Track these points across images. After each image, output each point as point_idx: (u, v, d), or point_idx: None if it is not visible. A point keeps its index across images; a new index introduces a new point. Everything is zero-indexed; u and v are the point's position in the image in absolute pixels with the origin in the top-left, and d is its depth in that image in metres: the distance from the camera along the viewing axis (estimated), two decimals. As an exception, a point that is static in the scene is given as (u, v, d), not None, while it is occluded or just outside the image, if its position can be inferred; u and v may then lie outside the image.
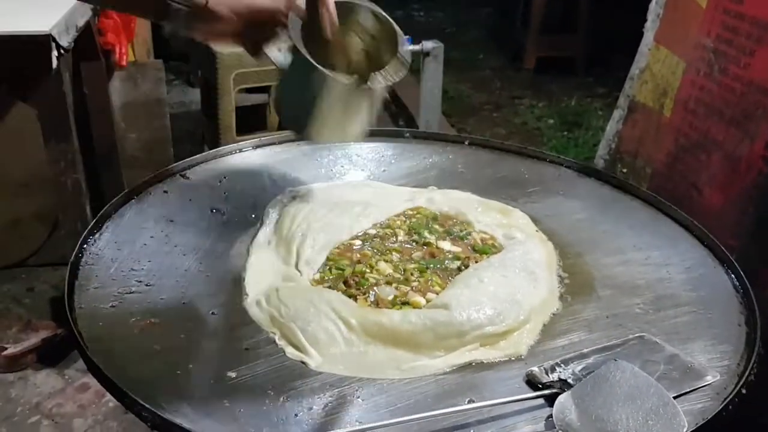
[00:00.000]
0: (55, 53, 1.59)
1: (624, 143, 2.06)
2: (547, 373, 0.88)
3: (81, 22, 1.99)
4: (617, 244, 1.20)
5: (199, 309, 1.01)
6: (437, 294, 1.05)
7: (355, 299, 1.03)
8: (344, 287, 1.06)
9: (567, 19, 4.71)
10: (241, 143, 1.44)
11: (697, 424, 0.81)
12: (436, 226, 1.23)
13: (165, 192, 1.27)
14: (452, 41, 5.31)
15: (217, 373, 0.89)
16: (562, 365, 0.89)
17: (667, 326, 1.00)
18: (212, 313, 1.00)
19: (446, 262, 1.13)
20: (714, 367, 0.91)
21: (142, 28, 2.93)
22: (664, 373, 0.89)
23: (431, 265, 1.12)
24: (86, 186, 2.13)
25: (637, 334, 0.96)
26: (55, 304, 2.31)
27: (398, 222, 1.24)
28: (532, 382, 0.89)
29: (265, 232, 1.21)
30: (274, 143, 1.47)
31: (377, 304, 1.03)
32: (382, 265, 1.11)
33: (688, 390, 0.87)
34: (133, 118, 2.65)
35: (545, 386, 0.87)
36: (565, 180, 1.41)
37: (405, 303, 1.03)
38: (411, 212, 1.28)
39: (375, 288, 1.06)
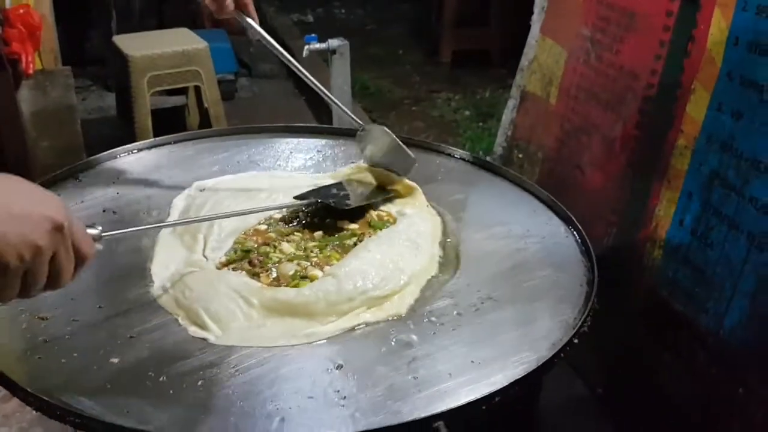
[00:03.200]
0: (-48, 64, 1.59)
1: (518, 131, 2.18)
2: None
3: (-19, 32, 1.99)
4: (486, 220, 1.31)
5: (88, 302, 1.05)
6: (334, 267, 1.12)
7: (259, 278, 1.11)
8: (249, 267, 1.14)
9: (480, 13, 4.85)
10: (135, 144, 1.48)
11: (528, 369, 0.92)
12: (337, 208, 1.30)
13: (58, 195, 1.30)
14: (373, 38, 5.40)
15: (100, 360, 0.94)
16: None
17: (520, 289, 1.11)
18: (99, 307, 1.05)
19: (344, 239, 1.22)
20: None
21: (49, 36, 2.90)
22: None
23: (330, 243, 1.21)
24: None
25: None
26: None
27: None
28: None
29: (170, 224, 1.25)
30: (170, 143, 1.52)
31: (279, 280, 1.11)
32: (285, 246, 1.19)
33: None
34: (44, 126, 2.64)
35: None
36: (445, 166, 1.52)
37: (304, 277, 1.11)
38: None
39: (277, 265, 1.14)
